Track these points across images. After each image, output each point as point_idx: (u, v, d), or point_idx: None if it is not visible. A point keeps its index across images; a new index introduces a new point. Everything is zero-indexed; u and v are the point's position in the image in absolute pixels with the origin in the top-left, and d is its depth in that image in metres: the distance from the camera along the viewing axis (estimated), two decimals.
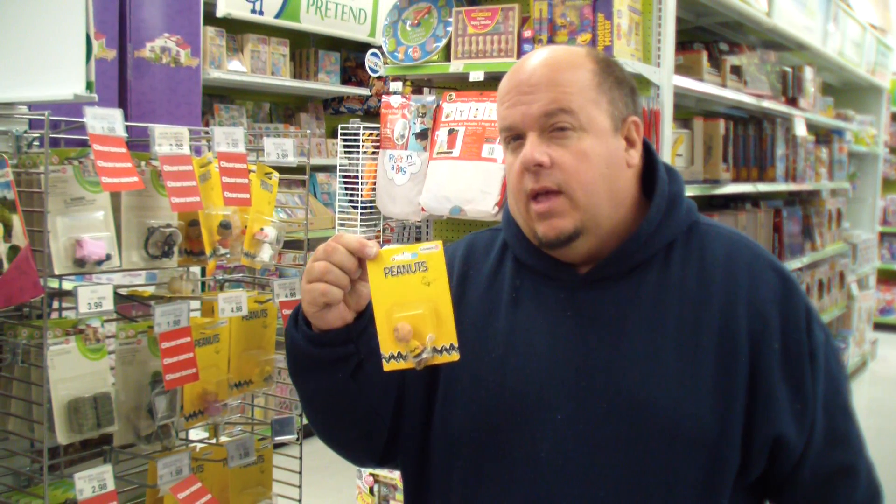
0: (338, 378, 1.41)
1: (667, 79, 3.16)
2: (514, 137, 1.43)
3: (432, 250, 1.30)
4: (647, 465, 1.34)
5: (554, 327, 1.43)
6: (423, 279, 1.30)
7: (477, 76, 3.15)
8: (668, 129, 3.16)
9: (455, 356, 1.31)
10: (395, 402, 1.48)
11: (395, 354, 1.30)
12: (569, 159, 1.38)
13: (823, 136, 6.35)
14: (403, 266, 1.30)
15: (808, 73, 5.51)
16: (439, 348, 1.30)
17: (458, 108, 3.12)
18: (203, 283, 2.38)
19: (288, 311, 2.20)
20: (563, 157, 1.38)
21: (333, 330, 1.37)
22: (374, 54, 3.88)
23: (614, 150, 1.43)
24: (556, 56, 1.44)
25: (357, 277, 1.34)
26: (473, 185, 2.97)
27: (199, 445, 2.25)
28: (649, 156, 1.51)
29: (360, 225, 3.39)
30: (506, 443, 1.40)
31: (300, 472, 2.39)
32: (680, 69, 3.54)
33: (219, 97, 5.61)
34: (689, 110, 4.48)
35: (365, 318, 1.38)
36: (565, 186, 1.38)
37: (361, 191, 3.38)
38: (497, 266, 1.53)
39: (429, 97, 3.32)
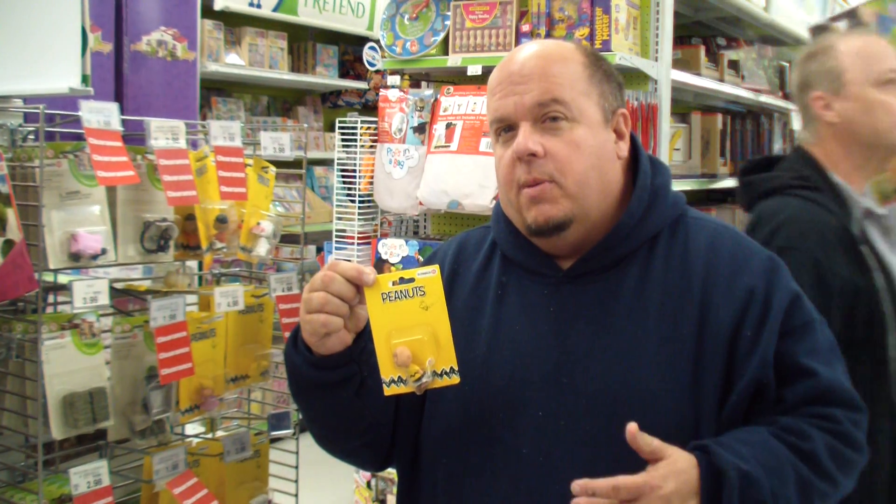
0: (342, 397, 1.41)
1: (664, 73, 3.15)
2: (505, 129, 1.43)
3: (429, 275, 1.30)
4: (628, 460, 1.34)
5: (536, 323, 1.43)
6: (420, 304, 1.30)
7: (475, 70, 3.14)
8: (665, 123, 3.15)
9: (455, 379, 1.31)
10: (394, 408, 1.49)
11: (396, 379, 1.31)
12: (561, 149, 1.38)
13: None
14: (401, 291, 1.30)
15: None
16: (439, 372, 1.31)
17: (455, 102, 3.11)
18: (199, 278, 2.38)
19: (285, 306, 2.20)
20: (555, 146, 1.38)
21: (335, 353, 1.37)
22: (371, 48, 3.87)
23: (604, 141, 1.43)
24: (547, 48, 1.44)
25: (356, 303, 1.34)
26: (471, 179, 2.97)
27: (196, 440, 2.24)
28: (635, 149, 1.51)
29: (358, 219, 3.38)
30: (489, 438, 1.41)
31: (297, 467, 2.39)
32: (678, 63, 3.53)
33: (216, 90, 5.59)
34: (686, 105, 4.47)
35: (364, 336, 1.38)
36: (557, 176, 1.38)
37: (359, 184, 3.37)
38: (486, 263, 1.53)
39: (427, 91, 3.31)
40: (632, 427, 1.24)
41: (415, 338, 1.30)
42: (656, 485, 1.23)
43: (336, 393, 1.40)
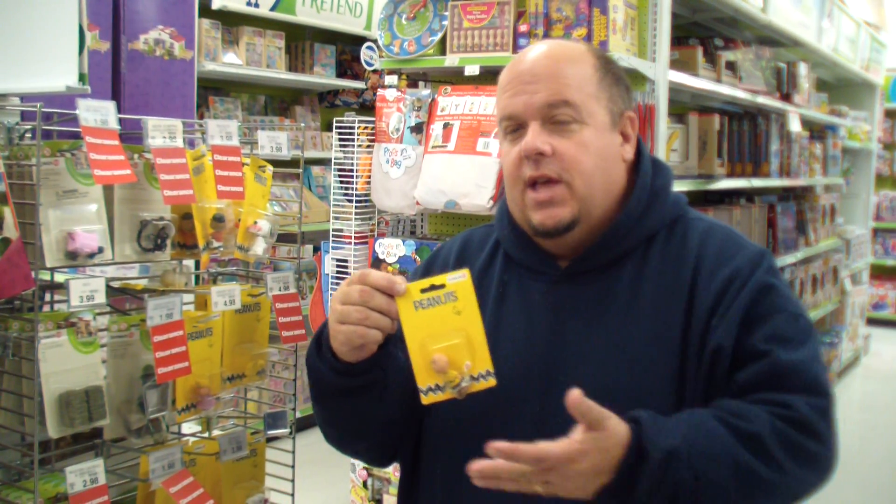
0: (365, 400, 1.42)
1: (662, 74, 3.16)
2: (514, 128, 1.44)
3: (460, 279, 1.30)
4: None
5: (534, 321, 1.44)
6: (453, 309, 1.30)
7: (472, 70, 3.14)
8: (662, 124, 3.15)
9: (492, 382, 1.31)
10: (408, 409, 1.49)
11: (433, 386, 1.30)
12: (570, 149, 1.39)
13: (817, 131, 6.35)
14: (433, 298, 1.30)
15: (803, 68, 5.50)
16: (476, 375, 1.30)
17: (453, 102, 3.11)
18: (196, 277, 2.38)
19: (281, 305, 2.20)
20: (563, 146, 1.39)
21: (362, 360, 1.37)
22: (369, 48, 3.87)
23: (611, 143, 1.44)
24: (559, 49, 1.45)
25: (396, 316, 1.33)
26: (468, 179, 2.97)
27: (192, 439, 2.24)
28: (639, 150, 1.52)
29: (355, 218, 3.38)
30: (486, 436, 1.41)
31: (293, 466, 2.39)
32: (675, 64, 3.53)
33: (214, 90, 5.59)
34: (683, 105, 4.47)
35: (389, 342, 1.38)
36: (565, 175, 1.39)
37: (356, 184, 3.37)
38: (489, 261, 1.55)
39: (424, 91, 3.31)
40: (574, 393, 1.18)
41: (451, 343, 1.29)
42: (575, 459, 1.19)
43: (360, 397, 1.41)
